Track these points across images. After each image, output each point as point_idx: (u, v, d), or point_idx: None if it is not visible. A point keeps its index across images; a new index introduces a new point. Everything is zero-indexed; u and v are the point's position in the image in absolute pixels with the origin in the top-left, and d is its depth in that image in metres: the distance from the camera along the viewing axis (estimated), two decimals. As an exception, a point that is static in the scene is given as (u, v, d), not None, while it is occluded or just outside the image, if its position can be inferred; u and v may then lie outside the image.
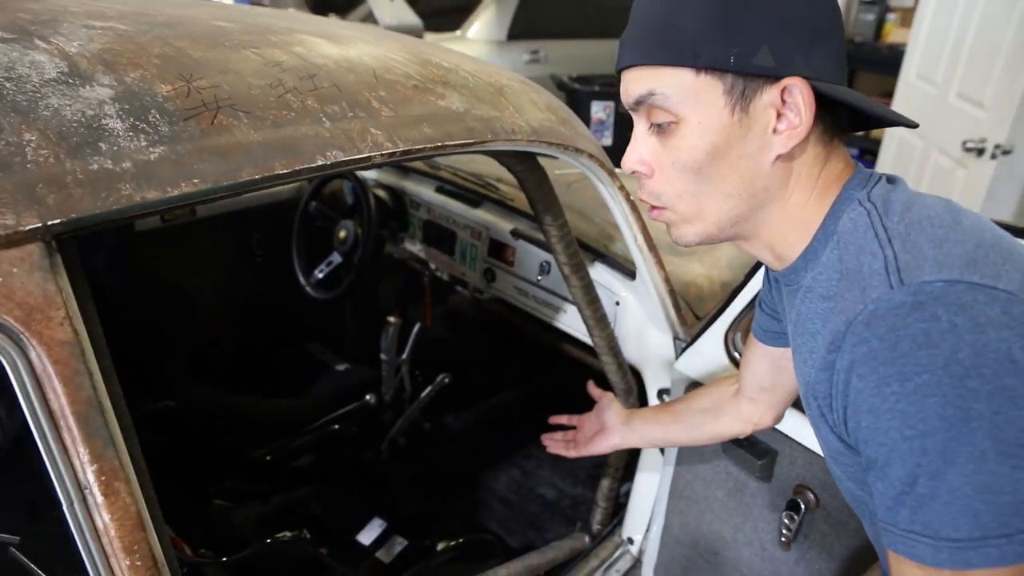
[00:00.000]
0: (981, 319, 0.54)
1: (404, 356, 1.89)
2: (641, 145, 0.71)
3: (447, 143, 0.93)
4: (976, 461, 0.53)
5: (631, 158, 0.72)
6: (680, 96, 0.66)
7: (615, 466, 1.70)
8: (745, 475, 1.35)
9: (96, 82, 0.73)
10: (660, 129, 0.69)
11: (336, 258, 1.96)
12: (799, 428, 1.24)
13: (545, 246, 1.66)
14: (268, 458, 1.78)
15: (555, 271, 1.67)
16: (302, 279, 1.98)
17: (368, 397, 1.91)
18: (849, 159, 0.72)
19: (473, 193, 1.86)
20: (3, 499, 0.80)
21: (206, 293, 2.05)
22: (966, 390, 0.53)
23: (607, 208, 1.83)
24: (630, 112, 0.73)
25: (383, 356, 1.87)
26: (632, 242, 1.35)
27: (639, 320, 1.54)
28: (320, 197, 2.09)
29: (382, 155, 0.85)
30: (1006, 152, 2.49)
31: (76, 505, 0.66)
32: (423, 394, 1.93)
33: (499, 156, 1.19)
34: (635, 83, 0.69)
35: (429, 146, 0.91)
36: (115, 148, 0.68)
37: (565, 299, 1.66)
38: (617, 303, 1.55)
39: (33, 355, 0.61)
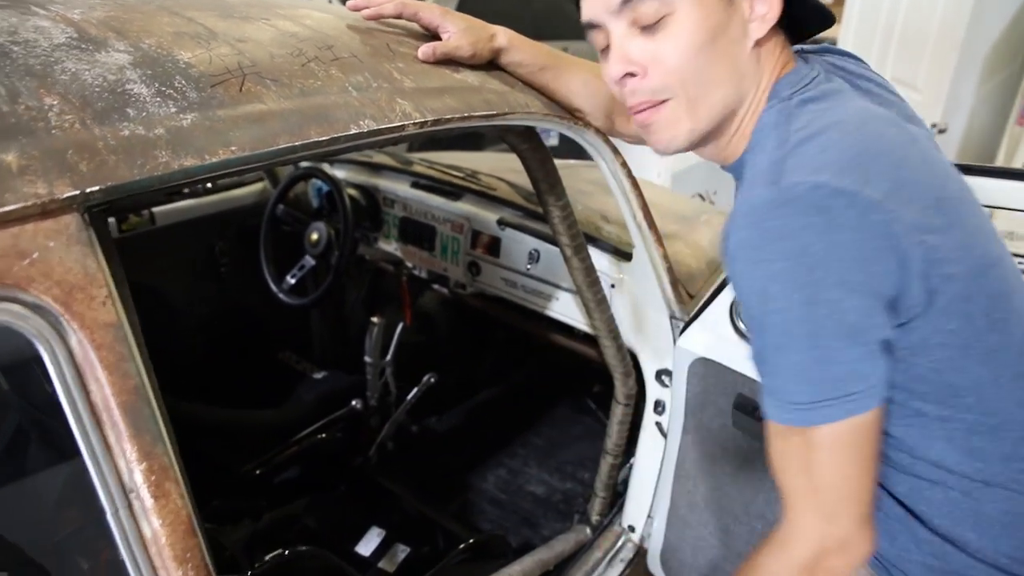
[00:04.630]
0: (838, 220, 0.61)
1: (388, 358, 1.82)
2: (628, 47, 0.72)
3: (472, 114, 0.89)
4: (812, 338, 0.63)
5: (620, 61, 0.73)
6: None
7: (613, 453, 1.68)
8: (756, 445, 1.35)
9: (111, 48, 0.67)
10: (651, 27, 0.71)
11: (308, 261, 1.88)
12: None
13: (534, 233, 1.63)
14: (257, 472, 1.68)
15: (544, 259, 1.64)
16: (273, 286, 1.89)
17: (355, 403, 1.83)
18: (794, 56, 0.76)
19: (452, 186, 1.81)
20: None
21: (170, 305, 1.94)
22: (813, 279, 0.61)
23: (587, 195, 1.83)
24: (600, 23, 0.74)
25: (367, 359, 1.80)
26: (631, 220, 1.34)
27: (635, 301, 1.53)
28: (286, 200, 2.01)
29: (414, 124, 0.81)
30: (941, 131, 2.62)
31: (121, 512, 0.59)
32: (410, 396, 1.86)
33: (504, 134, 1.15)
34: None
35: (455, 116, 0.87)
36: (144, 114, 0.62)
37: (557, 286, 1.64)
38: (612, 286, 1.53)
39: (73, 340, 0.54)
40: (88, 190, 0.55)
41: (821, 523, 0.70)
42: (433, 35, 0.97)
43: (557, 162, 1.30)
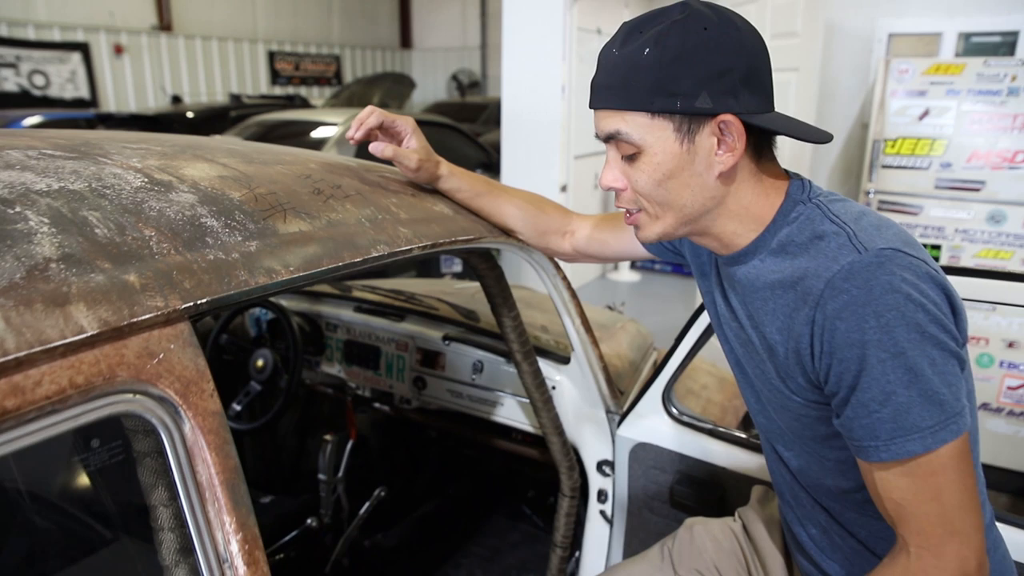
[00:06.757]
0: (919, 273, 0.75)
1: (340, 475, 1.87)
2: (615, 167, 0.88)
3: (456, 238, 1.08)
4: (933, 366, 0.74)
5: (608, 178, 0.89)
6: (640, 133, 0.83)
7: (562, 545, 1.77)
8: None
9: (178, 189, 0.81)
10: (629, 157, 0.86)
11: (254, 388, 1.93)
12: (738, 458, 1.44)
13: (478, 345, 1.79)
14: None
15: (488, 369, 1.79)
16: None
17: (310, 521, 1.84)
18: (780, 168, 0.91)
19: (395, 309, 1.96)
20: None
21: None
22: (918, 319, 0.74)
23: (523, 306, 2.02)
24: (603, 142, 0.89)
25: (321, 476, 1.84)
26: (571, 325, 1.53)
27: (573, 400, 1.70)
28: (227, 330, 2.07)
29: (419, 248, 0.98)
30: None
31: (216, 581, 0.67)
32: (362, 510, 1.90)
33: (469, 256, 1.34)
34: (605, 121, 0.86)
35: (444, 241, 1.05)
36: (220, 242, 0.76)
37: (502, 391, 1.78)
38: (553, 387, 1.70)
39: (187, 427, 0.65)
40: (198, 302, 0.67)
41: (961, 546, 0.76)
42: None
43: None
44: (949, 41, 3.67)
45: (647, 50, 0.80)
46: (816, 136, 0.87)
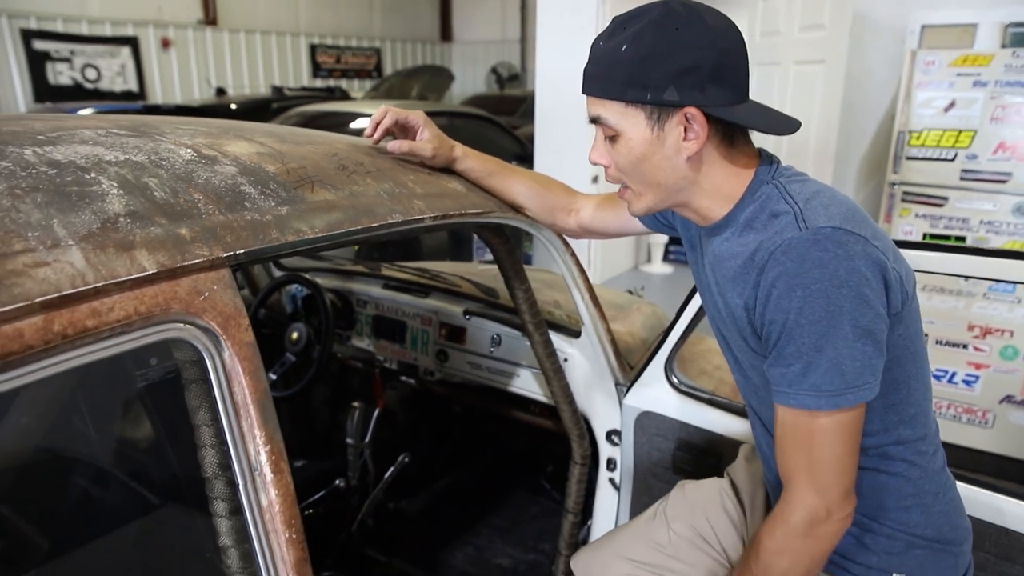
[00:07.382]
0: (851, 251, 0.85)
1: (367, 440, 2.01)
2: (600, 146, 1.00)
3: (466, 211, 1.19)
4: (844, 340, 0.85)
5: (593, 155, 1.01)
6: (617, 119, 0.94)
7: (573, 511, 1.88)
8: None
9: (222, 162, 0.94)
10: (611, 138, 0.97)
11: (289, 359, 2.08)
12: (733, 426, 1.53)
13: (496, 319, 1.91)
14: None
15: (506, 342, 1.91)
16: None
17: (338, 482, 1.99)
18: (753, 151, 1.00)
19: (420, 286, 2.09)
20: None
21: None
22: (839, 295, 0.84)
23: (535, 291, 2.14)
24: (591, 123, 1.00)
25: (349, 440, 1.98)
26: (580, 299, 1.63)
27: (584, 372, 1.80)
28: (265, 305, 2.23)
29: (431, 218, 1.10)
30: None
31: (248, 485, 0.80)
32: (387, 475, 2.03)
33: (481, 231, 1.45)
34: (591, 107, 0.97)
35: (455, 213, 1.16)
36: (256, 205, 0.88)
37: (518, 364, 1.90)
38: (565, 360, 1.80)
39: (226, 354, 0.78)
40: (237, 252, 0.80)
41: (814, 496, 0.90)
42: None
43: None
44: (984, 32, 3.65)
45: (624, 47, 0.90)
46: (776, 128, 0.96)
